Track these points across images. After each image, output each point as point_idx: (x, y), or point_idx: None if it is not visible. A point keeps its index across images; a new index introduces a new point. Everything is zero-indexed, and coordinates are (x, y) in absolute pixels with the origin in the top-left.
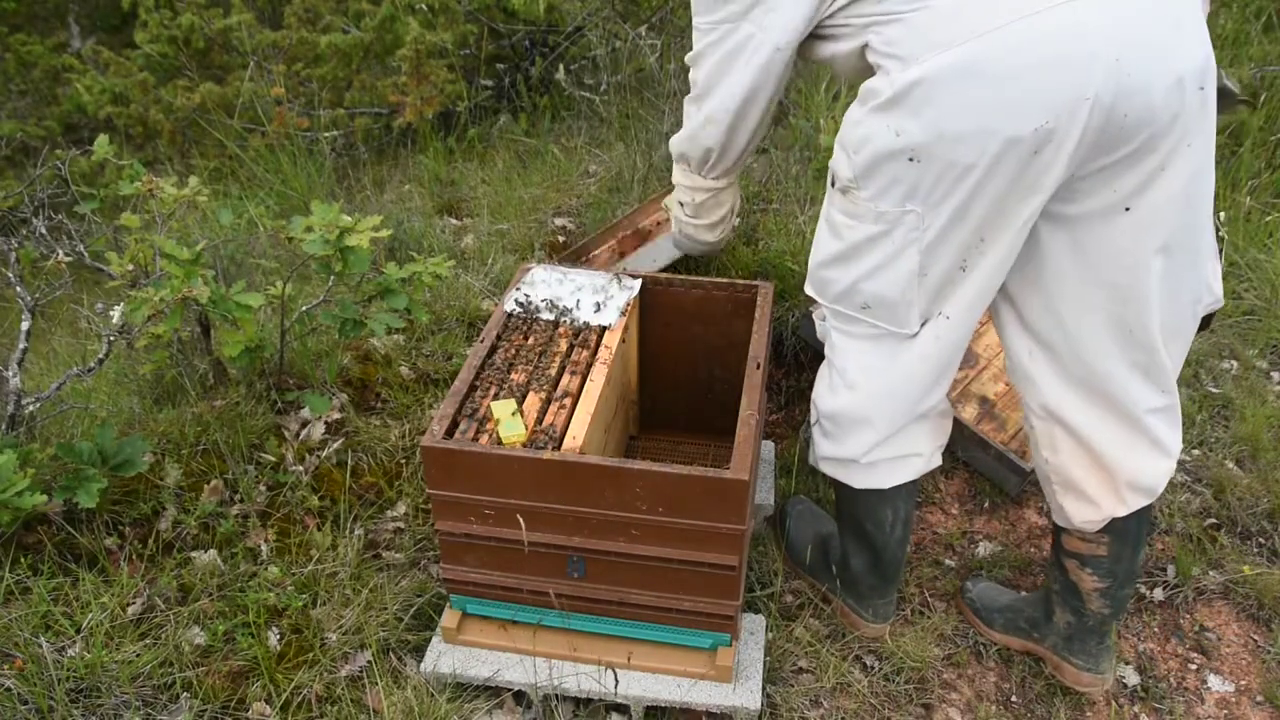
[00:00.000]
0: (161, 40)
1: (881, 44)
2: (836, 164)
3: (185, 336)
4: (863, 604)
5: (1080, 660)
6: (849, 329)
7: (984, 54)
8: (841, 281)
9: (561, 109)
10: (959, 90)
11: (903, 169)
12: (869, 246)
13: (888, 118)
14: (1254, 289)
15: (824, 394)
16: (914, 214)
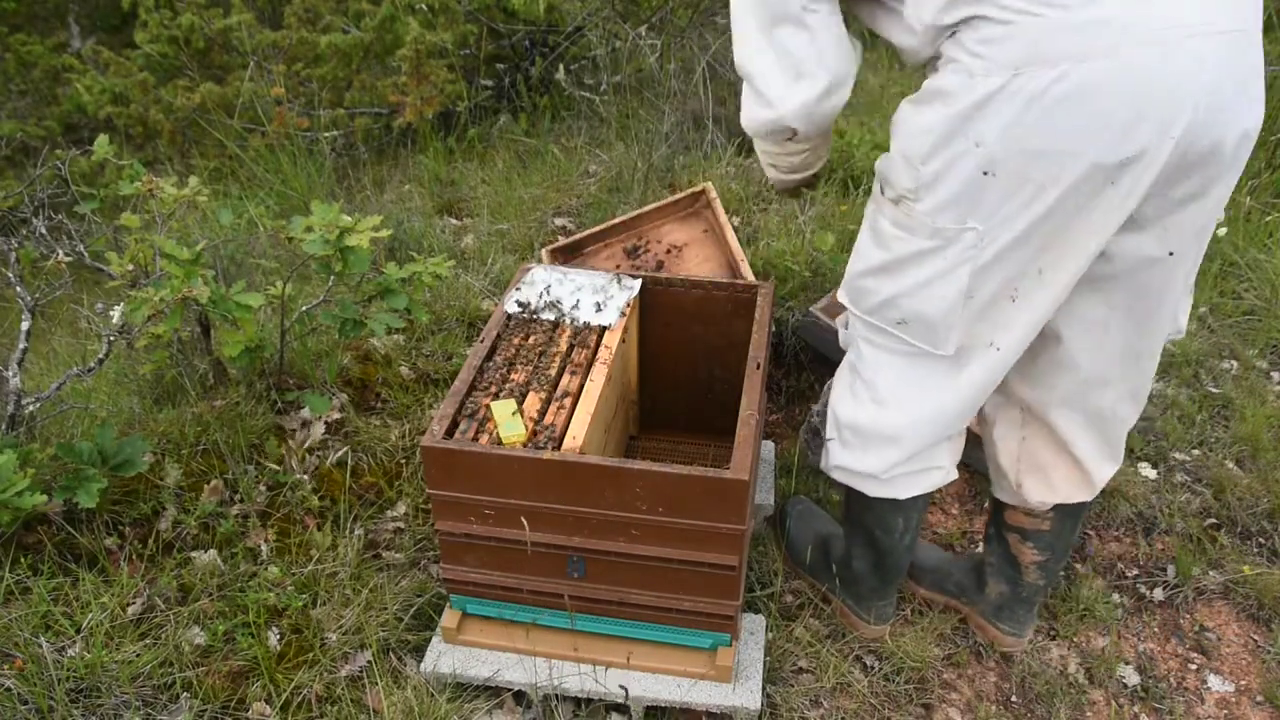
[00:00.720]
0: (161, 40)
1: (975, 41)
2: (891, 171)
3: (185, 336)
4: (862, 605)
5: (1007, 626)
6: (880, 342)
7: (1096, 77)
8: (880, 294)
9: (561, 109)
10: (1059, 108)
11: (974, 182)
12: (917, 261)
13: (967, 125)
14: (1254, 289)
15: (846, 403)
16: (974, 232)
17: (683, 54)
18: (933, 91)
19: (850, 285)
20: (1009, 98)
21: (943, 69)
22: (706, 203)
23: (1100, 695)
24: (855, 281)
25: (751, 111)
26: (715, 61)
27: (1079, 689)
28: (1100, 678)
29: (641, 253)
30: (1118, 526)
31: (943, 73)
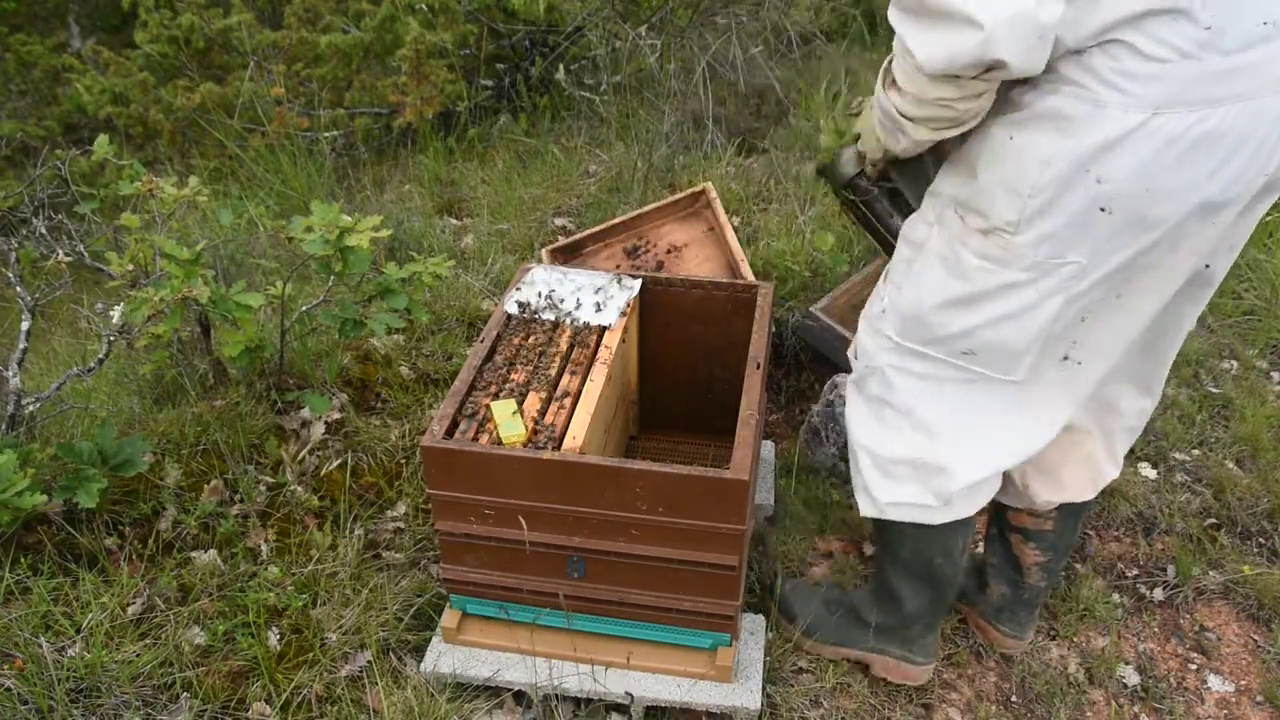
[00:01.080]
0: (161, 40)
1: (1113, 70)
2: (983, 201)
3: (185, 336)
4: (914, 648)
5: (1008, 628)
6: (925, 371)
7: (1228, 122)
8: (951, 327)
9: (561, 109)
10: (1193, 152)
11: (1086, 217)
12: (1002, 293)
13: (1093, 161)
14: (1254, 289)
15: (879, 436)
16: (1076, 265)
17: (683, 54)
18: (1045, 116)
19: (913, 319)
20: (1146, 137)
21: (1059, 91)
22: (706, 203)
23: (1100, 695)
24: (926, 316)
25: (939, 42)
26: (715, 61)
27: (1079, 689)
28: (1100, 678)
29: (641, 253)
30: (1118, 526)
31: (1060, 95)
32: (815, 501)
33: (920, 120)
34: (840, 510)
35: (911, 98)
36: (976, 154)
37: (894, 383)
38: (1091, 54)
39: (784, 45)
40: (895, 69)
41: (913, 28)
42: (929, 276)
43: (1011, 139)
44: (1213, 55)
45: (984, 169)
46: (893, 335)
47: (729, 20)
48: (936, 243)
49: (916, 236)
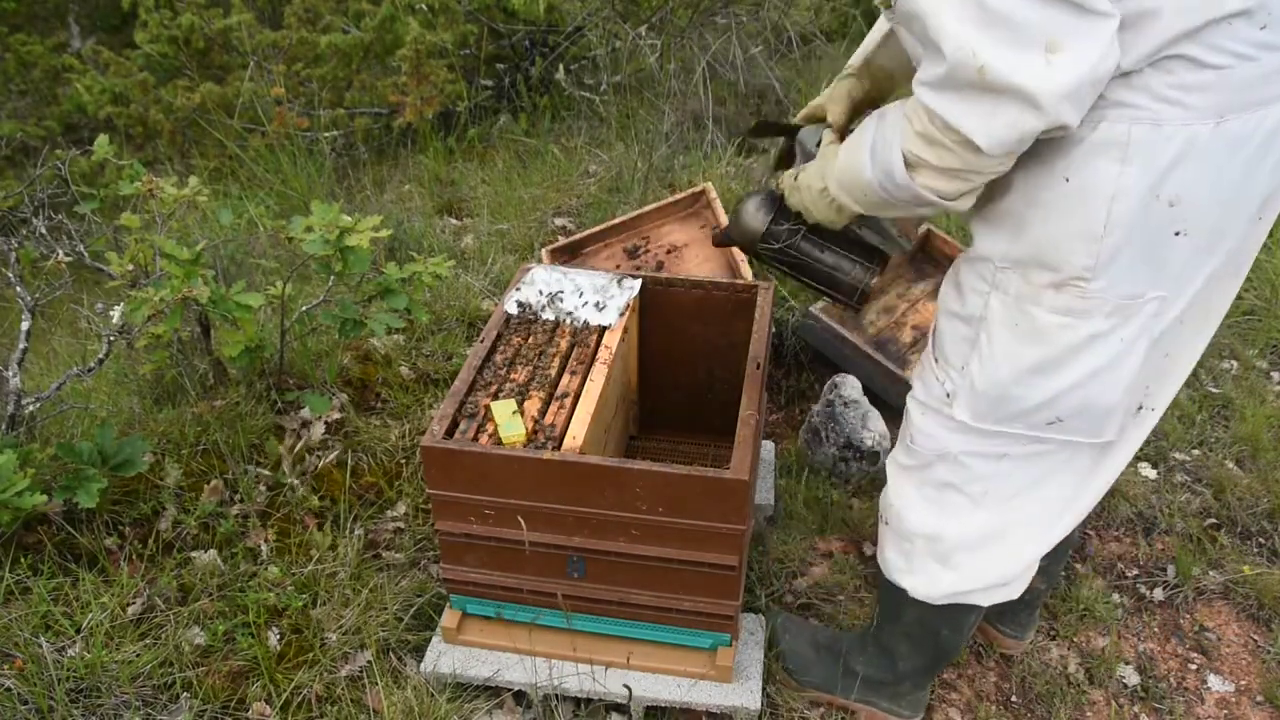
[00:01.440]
0: (161, 40)
1: (1168, 85)
2: (1052, 253)
3: (185, 336)
4: (902, 703)
5: (1009, 628)
6: (1003, 450)
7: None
8: (1033, 398)
9: (561, 109)
10: (1258, 153)
11: (1163, 246)
12: (1087, 349)
13: (1162, 183)
14: (1254, 289)
15: (932, 520)
16: (1158, 300)
17: (683, 54)
18: (1100, 147)
19: (982, 399)
20: (1213, 148)
21: (1108, 117)
22: (706, 203)
23: (1100, 695)
24: (998, 393)
25: (1002, 121)
26: (715, 61)
27: (1079, 689)
28: (1100, 678)
29: (641, 253)
30: (1118, 526)
31: (1113, 123)
32: (815, 501)
33: (964, 194)
34: (840, 510)
35: (951, 174)
36: (1022, 206)
37: (970, 467)
38: (1144, 73)
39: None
40: (926, 153)
41: (962, 108)
42: (1000, 349)
43: (1068, 181)
44: (1269, 53)
45: (1040, 220)
46: (967, 420)
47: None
48: (999, 311)
49: (971, 310)
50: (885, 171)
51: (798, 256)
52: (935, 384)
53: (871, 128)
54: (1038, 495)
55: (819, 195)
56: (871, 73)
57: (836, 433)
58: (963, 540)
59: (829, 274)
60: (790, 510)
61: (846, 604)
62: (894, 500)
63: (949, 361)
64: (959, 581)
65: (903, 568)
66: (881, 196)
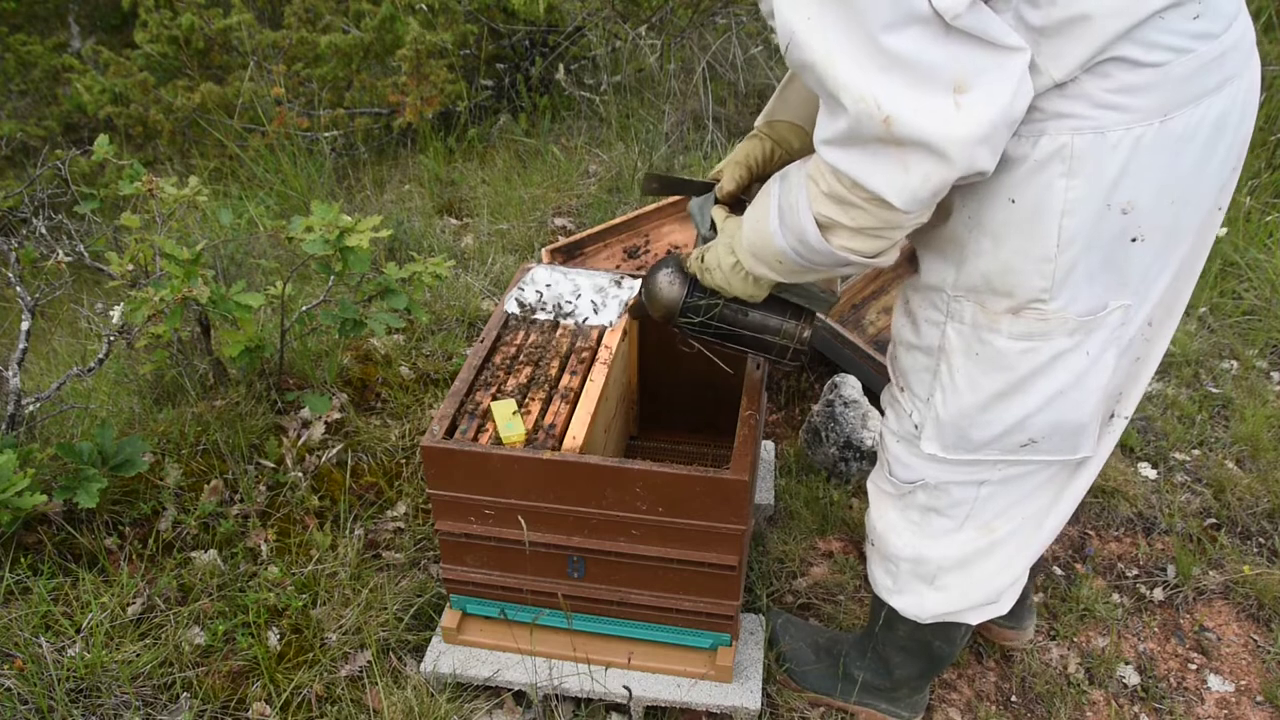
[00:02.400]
0: (161, 40)
1: (1108, 90)
2: (1005, 279)
3: (185, 336)
4: (901, 705)
5: (1007, 622)
6: (981, 477)
7: (1226, 102)
8: (1000, 423)
9: (561, 109)
10: (1206, 146)
11: (1121, 254)
12: (1051, 368)
13: (1114, 192)
14: (1254, 289)
15: (915, 544)
16: (1121, 309)
17: (683, 54)
18: (1043, 163)
19: (949, 430)
20: (1160, 148)
21: (1048, 131)
22: None
23: (1100, 695)
24: (964, 424)
25: (914, 176)
26: (715, 61)
27: (1079, 689)
28: (1100, 678)
29: (641, 253)
30: (1118, 526)
31: (1053, 136)
32: (815, 501)
33: (886, 250)
34: (840, 510)
35: (868, 234)
36: (966, 232)
37: (949, 493)
38: (1080, 81)
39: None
40: (837, 214)
41: (870, 165)
42: (962, 379)
43: (1013, 202)
44: (1204, 43)
45: (989, 246)
46: (937, 452)
47: (729, 20)
48: (956, 341)
49: (928, 341)
50: (798, 238)
51: (721, 326)
52: (903, 416)
53: (775, 192)
54: (1020, 513)
55: (732, 271)
56: (777, 132)
57: (836, 433)
58: (947, 562)
59: (757, 338)
60: (790, 510)
61: (847, 604)
62: (877, 523)
63: (914, 393)
64: (946, 602)
65: (890, 587)
66: (800, 264)
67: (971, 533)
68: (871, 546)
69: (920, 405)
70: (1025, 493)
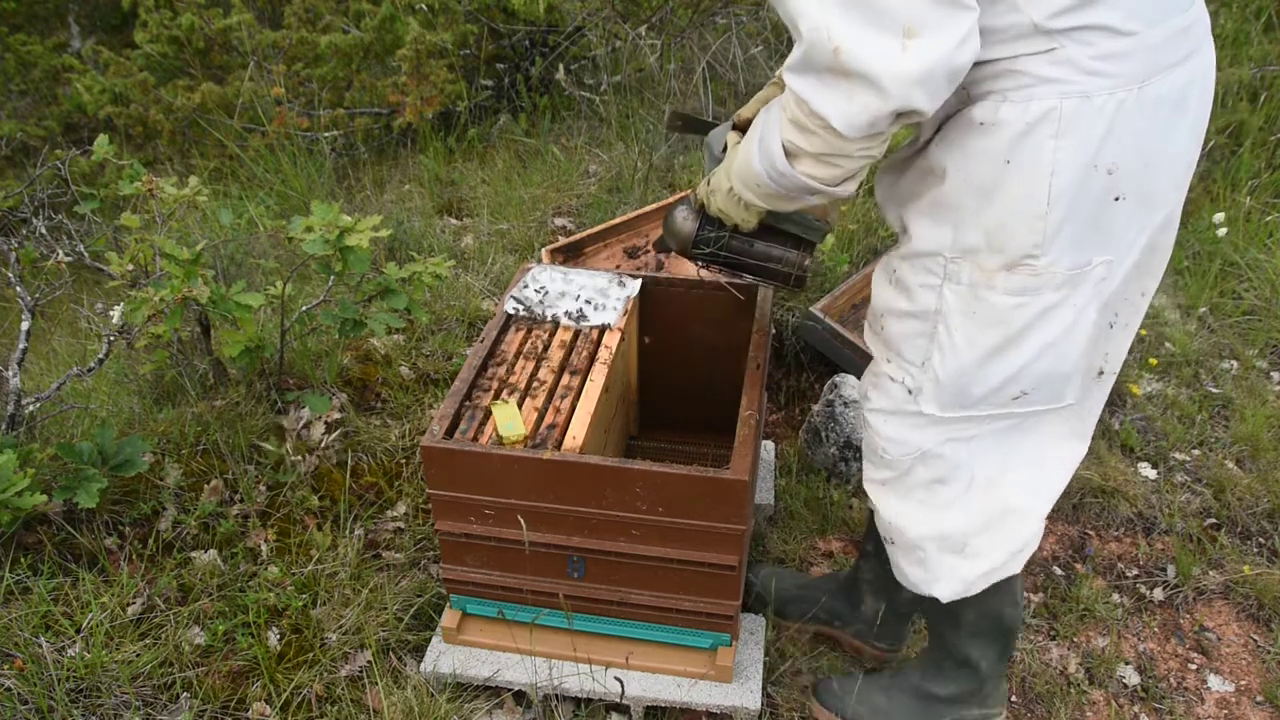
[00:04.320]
0: (161, 40)
1: (1090, 57)
2: (999, 236)
3: (185, 336)
4: (989, 702)
5: (885, 643)
6: (976, 432)
7: (1193, 71)
8: (996, 377)
9: (561, 109)
10: (1175, 110)
11: (1104, 212)
12: (1041, 322)
13: (1099, 153)
14: (1254, 289)
15: (932, 520)
16: (1103, 264)
17: (683, 54)
18: (1034, 126)
19: (947, 389)
20: (1138, 112)
21: (1038, 95)
22: None
23: (1100, 695)
24: (962, 380)
25: (854, 105)
26: (715, 61)
27: (1079, 689)
28: (1100, 678)
29: (641, 253)
30: (1118, 526)
31: (1042, 100)
32: (815, 501)
33: (846, 179)
34: (840, 510)
35: (824, 160)
36: (962, 194)
37: (945, 456)
38: (1065, 48)
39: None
40: (800, 140)
41: (820, 92)
42: (961, 338)
43: (1008, 163)
44: (1175, 15)
45: (984, 205)
46: (935, 412)
47: (729, 20)
48: (954, 301)
49: (923, 305)
50: (769, 162)
51: (730, 255)
52: (894, 386)
53: (759, 121)
54: (1023, 459)
55: (727, 196)
56: None
57: (836, 433)
58: (971, 528)
59: (762, 266)
60: (790, 510)
61: None
62: (888, 518)
63: (906, 359)
64: (986, 564)
65: (925, 578)
66: (772, 189)
67: (982, 493)
68: (892, 546)
69: (915, 370)
70: (1021, 442)
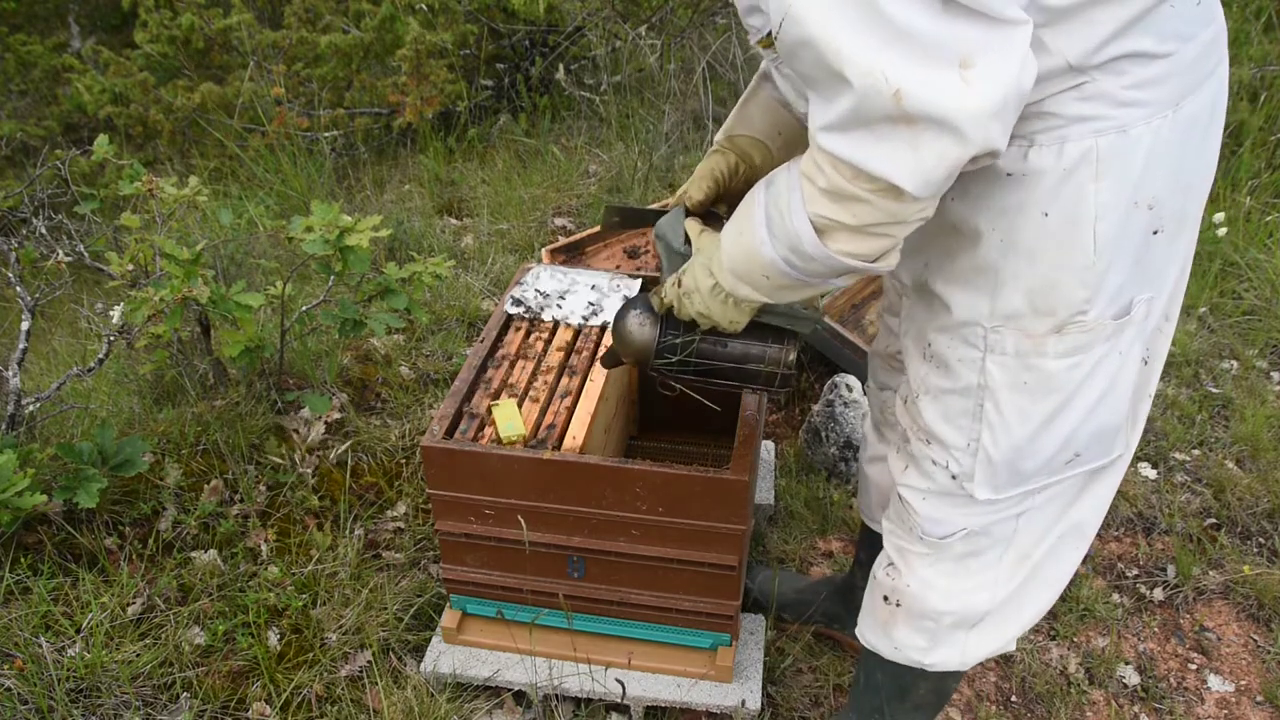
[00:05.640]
0: (161, 40)
1: (1124, 86)
2: (1050, 298)
3: (185, 336)
4: None
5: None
6: (1025, 507)
7: (1215, 86)
8: (1051, 447)
9: (561, 109)
10: (1207, 131)
11: (1146, 249)
12: (1092, 378)
13: (1136, 188)
14: (1254, 289)
15: (956, 595)
16: (1144, 302)
17: (683, 54)
18: (1072, 172)
19: (1003, 469)
20: (1174, 137)
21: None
22: None
23: (1100, 695)
24: (1018, 458)
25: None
26: (715, 61)
27: (1079, 689)
28: (1100, 678)
29: (642, 253)
30: (1118, 526)
31: (1077, 142)
32: (815, 501)
33: (888, 252)
34: (840, 510)
35: (871, 232)
36: (999, 256)
37: (991, 534)
38: (1095, 82)
39: None
40: (837, 212)
41: (878, 148)
42: (1012, 413)
43: (1047, 215)
44: (1202, 29)
45: (1025, 265)
46: (990, 496)
47: (729, 20)
48: (1000, 375)
49: (965, 382)
50: (791, 246)
51: (701, 362)
52: (935, 469)
53: (761, 200)
54: (1064, 521)
55: (711, 294)
56: (738, 147)
57: (836, 433)
58: (994, 604)
59: (740, 369)
60: (790, 510)
61: None
62: (909, 582)
63: (948, 444)
64: (991, 642)
65: (923, 646)
66: (791, 276)
67: (1011, 567)
68: (896, 608)
69: (959, 455)
70: (1066, 506)
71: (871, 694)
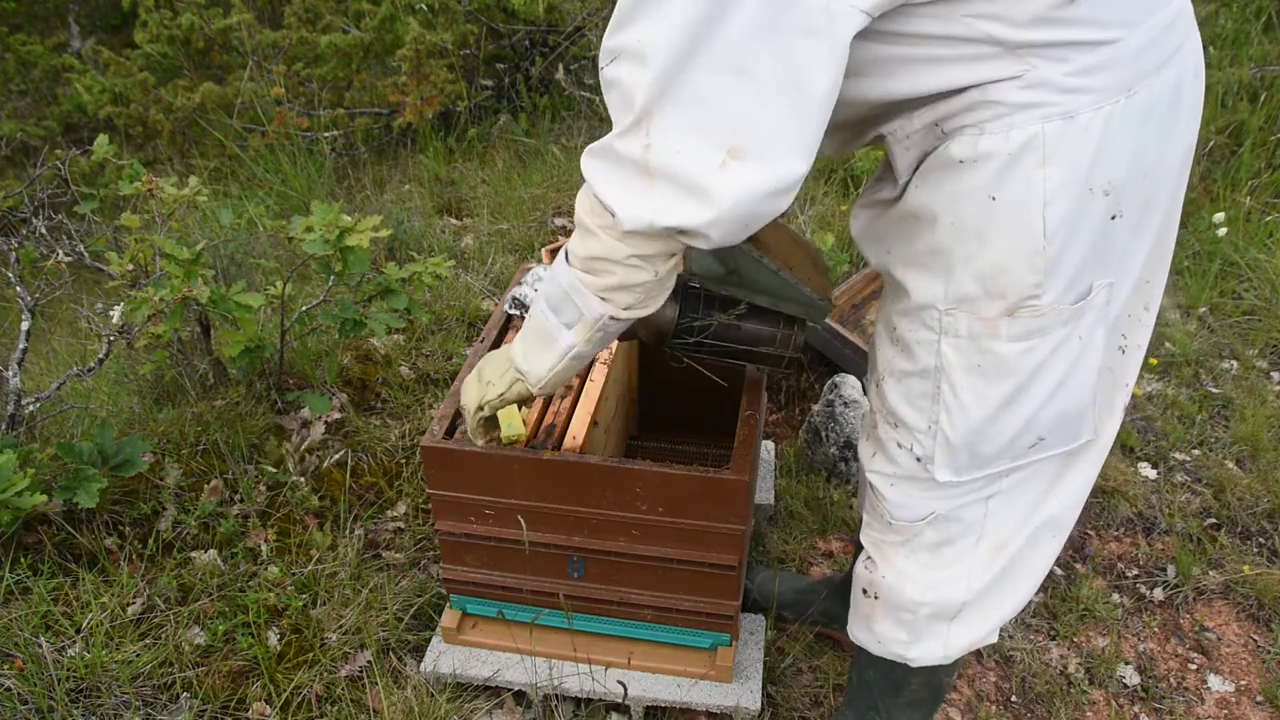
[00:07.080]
0: (161, 40)
1: (1067, 73)
2: (1000, 281)
3: (185, 336)
4: None
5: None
6: (991, 490)
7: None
8: (1010, 430)
9: (561, 109)
10: (1169, 111)
11: (1103, 234)
12: (1052, 361)
13: (1091, 175)
14: (1254, 289)
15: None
16: (1105, 287)
17: None
18: (1017, 156)
19: (961, 452)
20: (1130, 121)
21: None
22: None
23: (1100, 695)
24: (976, 441)
25: (657, 201)
26: None
27: (1079, 689)
28: (1100, 678)
29: None
30: (1118, 526)
31: (1021, 128)
32: (815, 501)
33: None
34: (840, 510)
35: (597, 260)
36: (950, 240)
37: (960, 519)
38: (1036, 69)
39: None
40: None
41: (614, 165)
42: (967, 395)
43: (993, 199)
44: (1148, 15)
45: (975, 249)
46: (951, 478)
47: None
48: (954, 357)
49: (923, 364)
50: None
51: (716, 343)
52: (900, 453)
53: (539, 300)
54: (1039, 511)
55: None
56: None
57: (836, 433)
58: (971, 593)
59: (751, 350)
60: (790, 510)
61: None
62: (884, 573)
63: (911, 426)
64: (972, 632)
65: (904, 639)
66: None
67: (986, 555)
68: (874, 600)
69: (921, 437)
70: (1040, 492)
71: (865, 692)
